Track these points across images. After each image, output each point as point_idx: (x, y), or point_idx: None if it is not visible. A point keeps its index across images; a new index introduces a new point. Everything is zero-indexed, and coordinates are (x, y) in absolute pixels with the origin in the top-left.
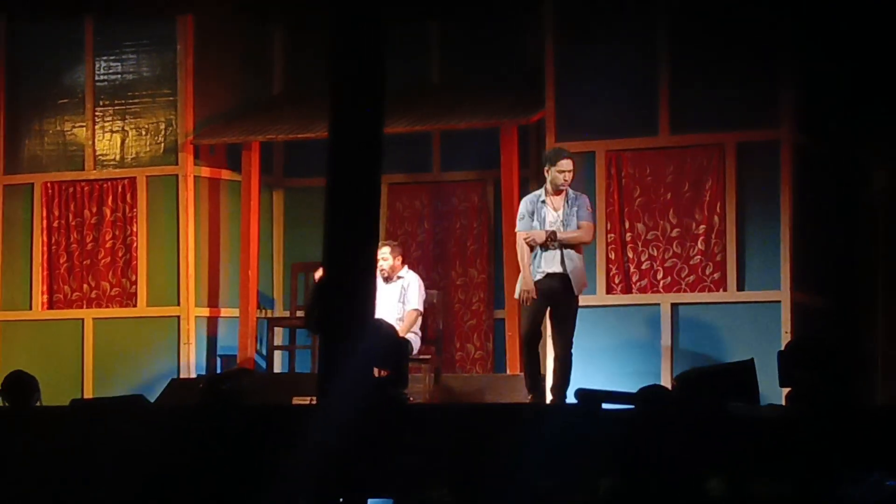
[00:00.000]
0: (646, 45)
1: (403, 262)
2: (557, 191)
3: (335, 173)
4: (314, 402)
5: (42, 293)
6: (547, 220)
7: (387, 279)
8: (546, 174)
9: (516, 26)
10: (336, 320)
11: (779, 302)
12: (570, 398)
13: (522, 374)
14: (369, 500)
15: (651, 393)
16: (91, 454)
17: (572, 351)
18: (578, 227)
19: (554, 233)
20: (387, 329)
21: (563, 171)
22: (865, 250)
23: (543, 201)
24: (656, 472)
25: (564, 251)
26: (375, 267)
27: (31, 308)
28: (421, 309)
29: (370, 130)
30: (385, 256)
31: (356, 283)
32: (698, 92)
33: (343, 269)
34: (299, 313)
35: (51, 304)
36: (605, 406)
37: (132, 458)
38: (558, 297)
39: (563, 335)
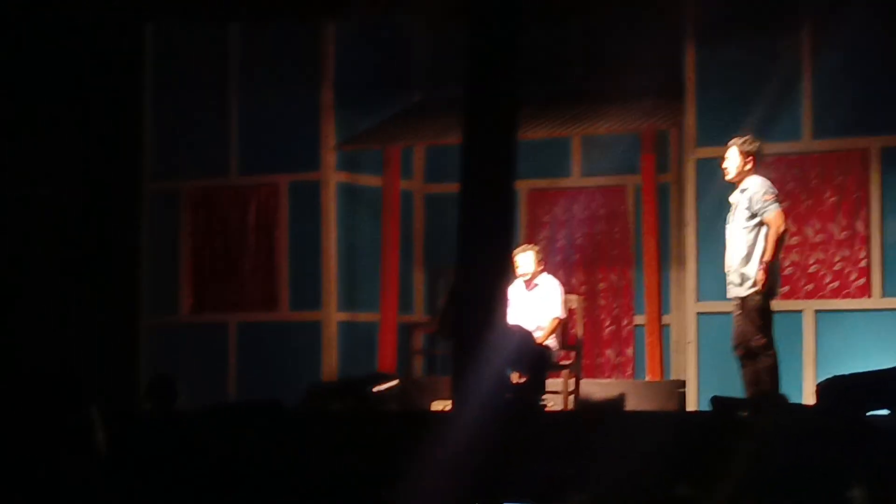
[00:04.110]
0: (788, 48)
1: (544, 268)
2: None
3: (468, 179)
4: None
5: (188, 296)
6: None
7: (527, 284)
8: None
9: (656, 30)
10: (468, 326)
11: None
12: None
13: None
14: None
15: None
16: (229, 458)
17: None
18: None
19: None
20: (524, 335)
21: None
22: None
23: None
24: (796, 480)
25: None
26: (508, 273)
27: (176, 311)
28: (562, 315)
29: (503, 135)
30: (528, 261)
31: (489, 289)
32: (842, 94)
33: (476, 274)
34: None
35: (197, 308)
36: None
37: (270, 463)
38: None
39: None
